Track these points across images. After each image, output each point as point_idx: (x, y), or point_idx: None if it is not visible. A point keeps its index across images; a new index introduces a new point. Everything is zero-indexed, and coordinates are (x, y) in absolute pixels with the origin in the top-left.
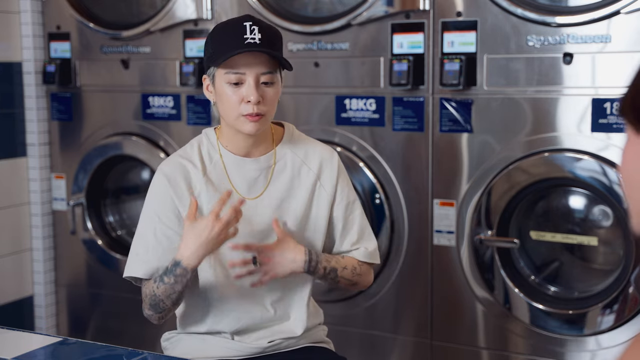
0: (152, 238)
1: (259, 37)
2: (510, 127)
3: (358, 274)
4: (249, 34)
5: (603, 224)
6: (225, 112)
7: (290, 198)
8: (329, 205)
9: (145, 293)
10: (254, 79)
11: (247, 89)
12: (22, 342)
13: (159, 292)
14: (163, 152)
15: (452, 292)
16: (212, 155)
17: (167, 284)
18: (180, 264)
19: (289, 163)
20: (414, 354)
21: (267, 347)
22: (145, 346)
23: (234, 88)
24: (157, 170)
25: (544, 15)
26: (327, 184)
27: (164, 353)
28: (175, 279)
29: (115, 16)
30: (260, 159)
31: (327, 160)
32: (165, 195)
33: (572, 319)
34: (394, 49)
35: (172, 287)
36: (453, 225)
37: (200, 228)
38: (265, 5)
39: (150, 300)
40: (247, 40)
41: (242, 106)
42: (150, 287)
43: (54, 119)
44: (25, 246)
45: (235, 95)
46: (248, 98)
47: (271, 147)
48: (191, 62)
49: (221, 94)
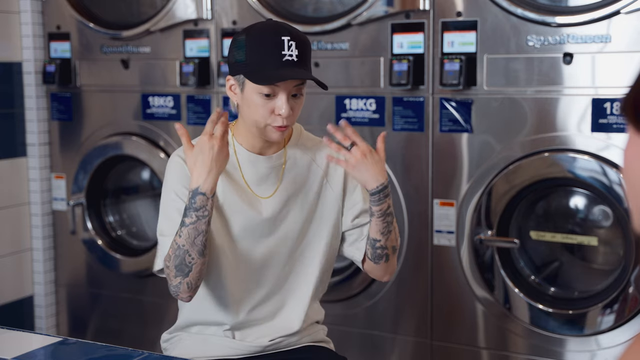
0: (179, 217)
1: (296, 53)
2: (510, 127)
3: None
4: (287, 49)
5: (603, 224)
6: (251, 118)
7: (299, 195)
8: (336, 203)
9: (168, 257)
10: (287, 93)
11: (279, 103)
12: (22, 342)
13: (182, 240)
14: (163, 152)
15: (452, 292)
16: None
17: (189, 225)
18: (198, 190)
19: (298, 161)
20: (414, 354)
21: (267, 345)
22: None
23: (265, 100)
24: (172, 155)
25: (544, 15)
26: (333, 182)
27: (164, 353)
28: (196, 215)
29: (115, 16)
30: (272, 157)
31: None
32: (182, 174)
33: (572, 319)
34: (394, 49)
35: (195, 227)
36: (453, 225)
37: (201, 150)
38: (265, 5)
39: (175, 259)
40: (285, 57)
41: (272, 117)
42: (173, 243)
43: (54, 119)
44: (25, 246)
45: (266, 107)
46: (279, 111)
47: (282, 146)
48: (191, 62)
49: (250, 102)
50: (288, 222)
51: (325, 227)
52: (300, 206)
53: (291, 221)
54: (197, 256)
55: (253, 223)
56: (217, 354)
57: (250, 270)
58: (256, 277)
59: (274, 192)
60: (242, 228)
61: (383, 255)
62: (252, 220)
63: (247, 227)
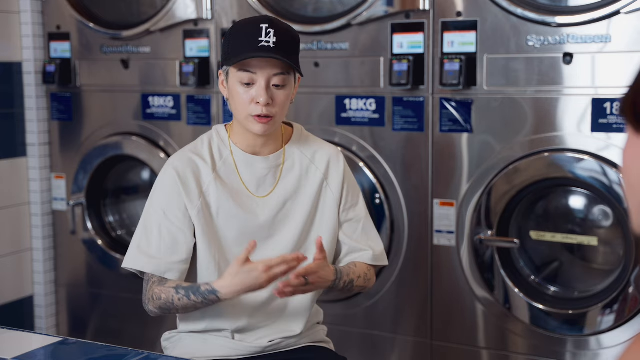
0: (157, 233)
1: (274, 40)
2: (510, 127)
3: (368, 279)
4: (264, 36)
5: (603, 224)
6: (236, 110)
7: (297, 196)
8: (335, 206)
9: (158, 295)
10: (265, 80)
11: (257, 90)
12: (22, 342)
13: (180, 304)
14: (163, 152)
15: (452, 292)
16: (222, 152)
17: (192, 301)
18: (217, 294)
19: (297, 162)
20: (414, 354)
21: (267, 346)
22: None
23: (246, 88)
24: (167, 163)
25: (544, 15)
26: (333, 184)
27: (164, 353)
28: (203, 301)
29: (115, 16)
30: (270, 158)
31: (334, 161)
32: (173, 191)
33: (572, 319)
34: (394, 49)
35: (195, 305)
36: (453, 225)
37: (249, 271)
38: (265, 5)
39: (163, 304)
40: (261, 44)
41: (251, 106)
42: (169, 295)
43: (54, 119)
44: (25, 246)
45: (246, 95)
46: (257, 99)
47: (281, 147)
48: (191, 62)
49: (233, 92)
50: (287, 225)
51: (326, 228)
52: (299, 208)
53: (290, 224)
54: (182, 311)
55: (250, 227)
56: (217, 355)
57: None
58: None
59: (271, 192)
60: (239, 233)
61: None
62: (249, 224)
63: (245, 232)
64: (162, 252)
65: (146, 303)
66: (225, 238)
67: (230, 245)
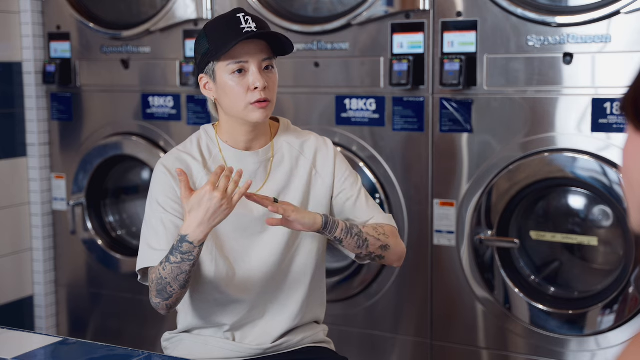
0: (162, 228)
1: (254, 25)
2: (510, 127)
3: (383, 233)
4: (245, 24)
5: (603, 224)
6: (231, 105)
7: (289, 188)
8: (327, 192)
9: (152, 279)
10: (257, 65)
11: (253, 76)
12: (22, 342)
13: (166, 273)
14: (163, 152)
15: (452, 292)
16: (211, 150)
17: (174, 264)
18: (186, 238)
19: (286, 154)
20: (414, 354)
21: (268, 348)
22: (145, 346)
23: (238, 78)
24: (157, 164)
25: (544, 15)
26: (322, 170)
27: (164, 353)
28: (182, 257)
29: (115, 16)
30: (259, 152)
31: (322, 147)
32: (167, 185)
33: (572, 319)
34: (394, 49)
35: (179, 267)
36: (453, 225)
37: (200, 199)
38: (265, 5)
39: (157, 285)
40: (245, 29)
41: (249, 95)
42: (157, 270)
43: (54, 119)
44: (25, 246)
45: (241, 85)
46: (255, 85)
47: (269, 141)
48: (191, 62)
49: (225, 86)
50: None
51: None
52: (291, 200)
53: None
54: (179, 288)
55: (245, 222)
56: (218, 356)
57: (247, 270)
58: (253, 275)
59: (263, 185)
60: (234, 228)
61: (374, 258)
62: (244, 218)
63: (239, 226)
64: (172, 243)
65: (150, 298)
66: (221, 233)
67: (226, 241)
